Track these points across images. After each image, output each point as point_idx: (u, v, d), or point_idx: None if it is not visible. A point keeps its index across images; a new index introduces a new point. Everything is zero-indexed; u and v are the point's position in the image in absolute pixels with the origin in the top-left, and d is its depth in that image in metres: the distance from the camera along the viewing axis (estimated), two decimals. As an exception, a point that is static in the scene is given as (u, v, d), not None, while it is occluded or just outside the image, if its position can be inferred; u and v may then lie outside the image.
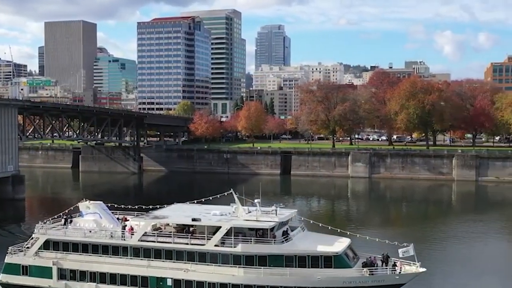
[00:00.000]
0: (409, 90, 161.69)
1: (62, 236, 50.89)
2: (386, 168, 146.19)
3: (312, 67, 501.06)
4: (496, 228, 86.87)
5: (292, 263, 45.59)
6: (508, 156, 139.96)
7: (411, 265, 46.26)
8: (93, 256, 49.56)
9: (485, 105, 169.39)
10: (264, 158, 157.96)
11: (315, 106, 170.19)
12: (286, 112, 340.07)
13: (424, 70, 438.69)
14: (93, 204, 52.69)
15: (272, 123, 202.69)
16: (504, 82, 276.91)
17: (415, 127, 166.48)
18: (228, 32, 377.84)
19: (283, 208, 50.35)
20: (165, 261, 47.77)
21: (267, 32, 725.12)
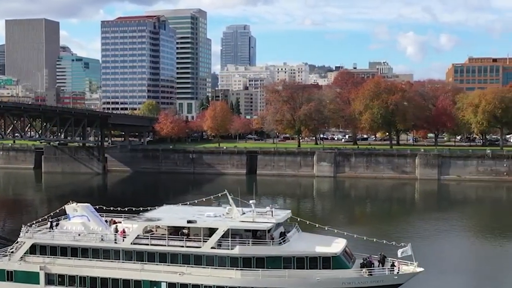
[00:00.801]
0: (373, 90, 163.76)
1: (50, 240, 49.26)
2: (350, 167, 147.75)
3: (278, 67, 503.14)
4: (458, 225, 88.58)
5: (290, 265, 44.99)
6: (469, 155, 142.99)
7: (408, 265, 46.32)
8: (83, 260, 48.08)
9: (447, 105, 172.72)
10: (230, 158, 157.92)
11: (281, 106, 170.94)
12: (252, 112, 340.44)
13: (387, 71, 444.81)
14: (80, 206, 51.01)
15: (238, 123, 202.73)
16: (465, 83, 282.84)
17: (379, 126, 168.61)
18: (193, 32, 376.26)
19: (278, 209, 49.87)
20: (159, 264, 46.63)
21: (233, 32, 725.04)
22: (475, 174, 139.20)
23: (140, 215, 51.48)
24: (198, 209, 53.01)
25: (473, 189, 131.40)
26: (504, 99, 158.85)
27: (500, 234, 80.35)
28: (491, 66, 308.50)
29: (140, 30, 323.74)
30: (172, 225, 48.64)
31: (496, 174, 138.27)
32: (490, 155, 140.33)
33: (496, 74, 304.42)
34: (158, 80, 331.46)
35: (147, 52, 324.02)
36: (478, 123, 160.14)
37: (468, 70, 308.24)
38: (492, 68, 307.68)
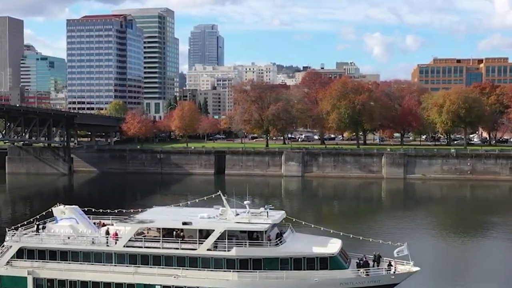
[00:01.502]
0: (340, 90, 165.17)
1: (38, 244, 47.97)
2: (318, 167, 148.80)
3: (246, 67, 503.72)
4: (423, 223, 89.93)
5: (288, 266, 44.61)
6: (434, 154, 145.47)
7: (404, 264, 46.40)
8: (73, 264, 46.97)
9: (412, 105, 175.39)
10: (198, 158, 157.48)
11: (249, 106, 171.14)
12: (220, 112, 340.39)
13: (354, 71, 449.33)
14: (68, 208, 49.83)
15: (206, 122, 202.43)
16: (430, 83, 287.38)
17: (346, 126, 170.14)
18: (161, 31, 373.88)
19: (272, 210, 49.44)
20: (153, 267, 45.81)
21: (201, 31, 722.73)
22: (440, 173, 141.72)
23: (131, 217, 50.48)
24: (189, 211, 52.47)
25: (438, 187, 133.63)
26: (468, 99, 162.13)
27: (463, 232, 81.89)
28: (455, 67, 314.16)
29: (106, 29, 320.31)
30: (167, 227, 47.78)
31: (460, 173, 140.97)
32: (454, 154, 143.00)
33: (460, 75, 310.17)
34: (125, 80, 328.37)
35: (113, 52, 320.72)
36: (443, 123, 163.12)
37: (433, 70, 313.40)
38: (456, 68, 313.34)
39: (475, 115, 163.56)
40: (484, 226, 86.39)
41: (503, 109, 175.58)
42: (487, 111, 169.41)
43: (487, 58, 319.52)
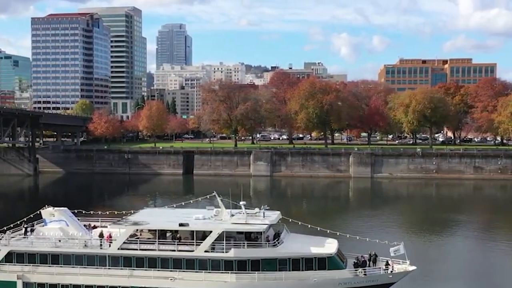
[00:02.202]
0: (308, 90, 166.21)
1: (28, 247, 46.66)
2: (287, 166, 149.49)
3: (214, 66, 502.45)
4: (389, 221, 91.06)
5: (286, 266, 44.26)
6: (400, 153, 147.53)
7: (400, 263, 46.56)
8: (65, 268, 45.81)
9: (379, 105, 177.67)
10: (166, 158, 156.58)
11: (217, 106, 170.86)
12: (188, 112, 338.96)
13: (322, 71, 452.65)
14: (58, 211, 48.63)
15: (174, 122, 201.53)
16: (396, 83, 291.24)
17: (314, 126, 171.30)
18: (128, 30, 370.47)
19: (268, 210, 49.19)
20: (148, 269, 45.02)
21: (168, 31, 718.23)
22: (406, 172, 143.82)
23: (124, 219, 49.62)
24: (182, 212, 51.86)
25: (405, 186, 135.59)
26: (433, 99, 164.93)
27: (428, 229, 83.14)
28: (421, 68, 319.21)
29: (72, 27, 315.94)
30: (163, 228, 47.19)
31: (426, 172, 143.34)
32: (420, 154, 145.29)
33: (426, 75, 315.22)
34: (92, 79, 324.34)
35: (80, 51, 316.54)
36: (409, 123, 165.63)
37: (399, 71, 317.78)
38: (421, 69, 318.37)
39: (440, 115, 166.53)
40: (449, 224, 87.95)
41: (467, 109, 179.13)
42: (452, 111, 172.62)
43: (451, 59, 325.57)
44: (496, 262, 64.09)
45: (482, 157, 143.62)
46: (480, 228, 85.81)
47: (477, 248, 51.42)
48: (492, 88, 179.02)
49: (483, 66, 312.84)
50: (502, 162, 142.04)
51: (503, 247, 70.30)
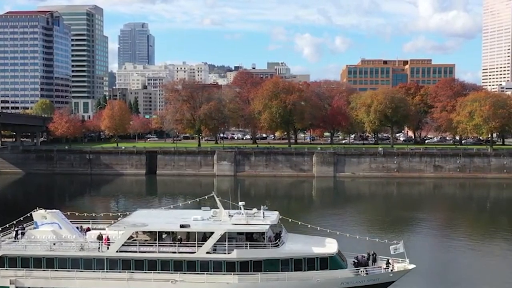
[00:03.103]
0: (271, 90, 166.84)
1: (22, 251, 45.38)
2: (250, 166, 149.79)
3: (177, 66, 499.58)
4: (351, 220, 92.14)
5: (288, 267, 44.12)
6: (362, 153, 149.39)
7: (399, 261, 46.88)
8: (60, 272, 44.62)
9: (342, 105, 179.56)
10: (129, 158, 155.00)
11: (181, 105, 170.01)
12: (151, 112, 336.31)
13: (285, 71, 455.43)
14: (50, 213, 47.43)
15: (137, 122, 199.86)
16: (358, 84, 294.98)
17: (278, 126, 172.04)
18: (89, 29, 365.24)
19: (266, 210, 48.94)
20: (148, 272, 44.16)
21: (131, 30, 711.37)
22: (368, 171, 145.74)
23: (120, 221, 48.68)
24: (179, 213, 51.35)
25: (367, 185, 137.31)
26: (394, 99, 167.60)
27: (388, 227, 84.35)
28: (382, 68, 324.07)
29: (32, 25, 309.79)
30: (163, 230, 46.45)
31: (387, 171, 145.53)
32: (381, 153, 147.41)
33: (387, 76, 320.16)
34: (52, 78, 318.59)
35: (39, 49, 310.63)
36: (371, 122, 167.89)
37: (361, 71, 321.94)
38: (383, 69, 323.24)
39: (401, 115, 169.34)
40: (410, 222, 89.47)
41: (427, 109, 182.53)
42: (412, 111, 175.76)
43: (411, 59, 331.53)
44: (453, 259, 65.46)
45: (442, 156, 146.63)
46: (439, 226, 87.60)
47: (437, 245, 52.71)
48: (451, 88, 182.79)
49: (442, 67, 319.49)
50: (460, 161, 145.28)
51: (461, 244, 71.87)
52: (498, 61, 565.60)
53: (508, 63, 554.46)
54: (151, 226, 46.92)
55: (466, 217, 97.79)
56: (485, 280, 55.82)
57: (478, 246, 70.83)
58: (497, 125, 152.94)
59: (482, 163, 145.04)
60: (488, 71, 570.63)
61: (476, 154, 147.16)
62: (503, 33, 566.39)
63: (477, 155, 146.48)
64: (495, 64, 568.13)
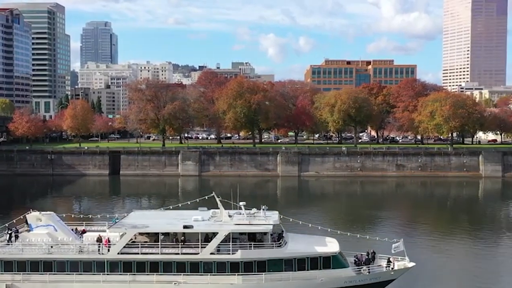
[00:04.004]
0: (236, 90, 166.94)
1: (18, 254, 44.04)
2: (215, 166, 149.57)
3: (141, 65, 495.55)
4: (314, 219, 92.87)
5: (292, 267, 43.94)
6: (326, 152, 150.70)
7: (398, 259, 47.27)
8: (59, 275, 43.42)
9: (306, 105, 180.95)
10: (92, 158, 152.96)
11: (144, 105, 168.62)
12: (115, 111, 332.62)
13: (250, 71, 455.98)
14: (45, 215, 46.18)
15: (100, 122, 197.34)
16: (322, 84, 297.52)
17: (243, 125, 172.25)
18: (50, 27, 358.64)
19: (266, 210, 48.79)
20: (150, 274, 43.31)
21: (93, 28, 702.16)
22: (332, 170, 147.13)
23: (120, 223, 47.77)
24: (177, 214, 50.78)
25: (331, 184, 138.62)
26: (357, 99, 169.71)
27: (352, 226, 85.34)
28: (345, 68, 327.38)
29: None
30: (166, 231, 45.80)
31: (351, 170, 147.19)
32: (345, 152, 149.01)
33: (350, 76, 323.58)
34: (12, 77, 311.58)
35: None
36: (334, 122, 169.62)
37: (325, 71, 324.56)
38: (346, 70, 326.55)
39: (364, 115, 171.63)
40: (372, 220, 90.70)
41: (390, 109, 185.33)
42: (375, 111, 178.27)
43: (374, 60, 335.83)
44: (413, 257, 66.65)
45: (404, 155, 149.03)
46: (401, 224, 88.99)
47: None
48: (412, 88, 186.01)
49: (404, 67, 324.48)
50: (422, 160, 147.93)
51: (422, 241, 73.26)
52: (457, 62, 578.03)
53: (468, 64, 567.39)
54: (153, 227, 46.51)
55: (427, 215, 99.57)
56: (442, 276, 56.99)
57: (439, 244, 72.25)
58: (457, 124, 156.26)
59: (442, 162, 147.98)
60: (448, 72, 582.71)
61: (437, 153, 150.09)
62: (463, 34, 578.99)
63: (438, 154, 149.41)
64: (455, 65, 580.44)
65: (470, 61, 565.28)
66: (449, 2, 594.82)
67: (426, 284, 53.91)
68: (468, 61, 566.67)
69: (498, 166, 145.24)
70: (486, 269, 60.09)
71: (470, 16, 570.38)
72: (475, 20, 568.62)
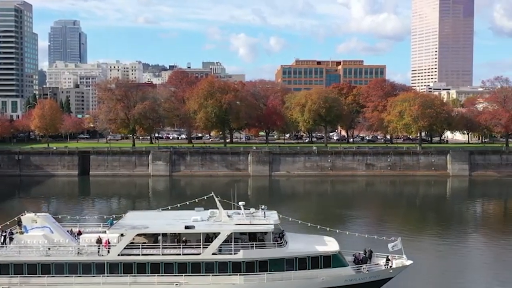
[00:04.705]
0: (207, 89, 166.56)
1: (15, 257, 43.03)
2: (186, 165, 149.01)
3: (110, 65, 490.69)
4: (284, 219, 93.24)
5: (293, 266, 43.92)
6: (297, 152, 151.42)
7: (396, 257, 47.79)
8: (57, 278, 42.63)
9: (277, 105, 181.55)
10: (61, 159, 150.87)
11: (114, 105, 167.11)
12: (84, 111, 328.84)
13: (220, 71, 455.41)
14: (41, 216, 45.14)
15: (69, 122, 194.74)
16: (293, 83, 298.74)
17: (213, 125, 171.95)
18: (17, 25, 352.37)
19: (265, 210, 48.68)
20: (151, 275, 42.78)
21: (62, 27, 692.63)
22: (303, 169, 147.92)
23: (118, 224, 47.06)
24: (176, 214, 50.45)
25: (301, 183, 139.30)
26: (328, 99, 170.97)
27: (322, 225, 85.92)
28: (316, 68, 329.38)
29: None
30: (167, 232, 45.38)
31: (322, 169, 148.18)
32: (316, 152, 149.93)
33: (320, 76, 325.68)
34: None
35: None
36: (305, 122, 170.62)
37: (295, 71, 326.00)
38: (316, 70, 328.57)
39: (335, 114, 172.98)
40: (341, 219, 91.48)
41: (359, 109, 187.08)
42: (345, 111, 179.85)
43: (344, 60, 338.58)
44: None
45: (373, 154, 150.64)
46: (370, 223, 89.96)
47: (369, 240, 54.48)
48: (382, 89, 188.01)
49: (373, 68, 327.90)
50: (391, 159, 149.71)
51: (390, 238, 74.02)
52: (426, 62, 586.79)
53: (435, 64, 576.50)
54: (154, 228, 46.16)
55: (396, 214, 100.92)
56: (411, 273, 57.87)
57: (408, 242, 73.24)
58: (426, 124, 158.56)
59: (411, 161, 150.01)
60: (417, 72, 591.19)
61: (406, 152, 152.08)
62: (431, 35, 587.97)
63: (407, 154, 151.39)
64: (423, 65, 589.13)
65: (438, 61, 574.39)
66: (417, 3, 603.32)
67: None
68: (436, 61, 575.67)
69: (465, 165, 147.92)
70: (453, 266, 61.16)
71: (438, 17, 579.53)
72: (443, 21, 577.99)
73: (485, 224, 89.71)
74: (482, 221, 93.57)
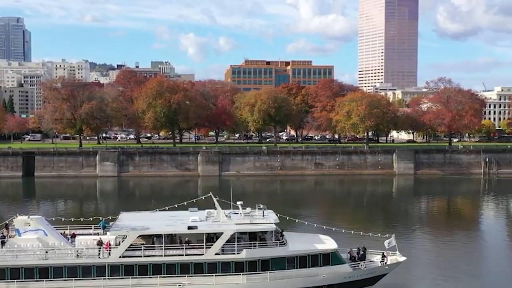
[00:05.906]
0: (156, 89, 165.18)
1: (11, 261, 41.38)
2: (135, 166, 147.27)
3: (56, 63, 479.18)
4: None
5: (293, 264, 44.11)
6: (246, 151, 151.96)
7: (390, 254, 48.76)
8: (55, 282, 41.24)
9: (226, 105, 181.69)
10: (4, 160, 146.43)
11: (60, 104, 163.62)
12: (28, 111, 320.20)
13: (170, 70, 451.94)
14: (34, 219, 43.44)
15: (12, 122, 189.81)
16: (242, 83, 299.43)
17: (163, 125, 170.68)
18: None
19: (263, 210, 48.76)
20: (153, 277, 41.95)
21: (4, 24, 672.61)
22: (253, 169, 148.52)
23: (116, 225, 45.86)
24: (171, 214, 50.06)
25: (251, 183, 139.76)
26: (277, 99, 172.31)
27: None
28: (265, 69, 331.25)
29: None
30: (170, 232, 44.71)
31: (271, 169, 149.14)
32: (265, 151, 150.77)
33: (270, 76, 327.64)
34: None
35: None
36: (255, 121, 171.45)
37: (245, 71, 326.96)
38: (266, 70, 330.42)
39: (284, 114, 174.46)
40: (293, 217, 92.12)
41: (308, 109, 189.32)
42: (294, 110, 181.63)
43: (293, 61, 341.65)
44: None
45: (322, 154, 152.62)
46: (320, 221, 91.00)
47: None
48: (330, 89, 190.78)
49: (322, 68, 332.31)
50: (339, 158, 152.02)
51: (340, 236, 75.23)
52: (372, 63, 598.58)
53: (382, 65, 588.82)
54: (156, 229, 45.59)
55: (344, 212, 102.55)
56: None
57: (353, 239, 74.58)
58: (372, 124, 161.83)
59: (359, 160, 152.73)
60: (364, 73, 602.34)
61: (354, 151, 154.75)
62: (377, 37, 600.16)
63: (355, 153, 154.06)
64: (370, 66, 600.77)
65: (384, 62, 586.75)
66: (364, 5, 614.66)
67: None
68: (382, 62, 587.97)
69: (411, 164, 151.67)
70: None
71: (384, 19, 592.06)
72: (389, 23, 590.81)
73: (429, 221, 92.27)
74: (427, 218, 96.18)
